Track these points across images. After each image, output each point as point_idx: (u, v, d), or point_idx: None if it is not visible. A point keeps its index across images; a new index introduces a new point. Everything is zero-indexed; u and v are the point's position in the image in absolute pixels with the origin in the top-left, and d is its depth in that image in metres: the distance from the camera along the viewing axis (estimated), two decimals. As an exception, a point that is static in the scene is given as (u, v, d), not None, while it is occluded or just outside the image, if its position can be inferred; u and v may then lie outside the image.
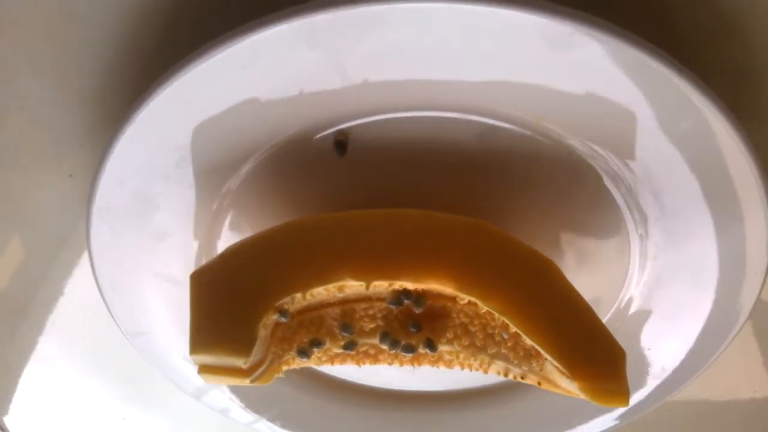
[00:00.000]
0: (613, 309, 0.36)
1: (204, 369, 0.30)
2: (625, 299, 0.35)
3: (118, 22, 0.30)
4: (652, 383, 0.37)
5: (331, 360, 0.34)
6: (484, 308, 0.30)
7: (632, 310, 0.36)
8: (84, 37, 0.31)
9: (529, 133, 0.30)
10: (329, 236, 0.30)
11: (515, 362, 0.32)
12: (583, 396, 0.29)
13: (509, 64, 0.27)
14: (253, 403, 0.41)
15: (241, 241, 0.31)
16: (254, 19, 0.26)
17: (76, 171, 0.34)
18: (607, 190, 0.32)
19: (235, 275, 0.30)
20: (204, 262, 0.35)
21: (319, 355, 0.33)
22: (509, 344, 0.32)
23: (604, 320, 0.36)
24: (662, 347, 0.35)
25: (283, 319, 0.30)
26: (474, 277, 0.30)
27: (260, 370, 0.31)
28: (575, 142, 0.30)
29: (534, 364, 0.31)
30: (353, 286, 0.30)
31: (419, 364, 0.34)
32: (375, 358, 0.34)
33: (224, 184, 0.32)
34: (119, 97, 0.32)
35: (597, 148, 0.30)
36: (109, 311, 0.36)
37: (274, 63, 0.27)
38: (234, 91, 0.28)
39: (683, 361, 0.35)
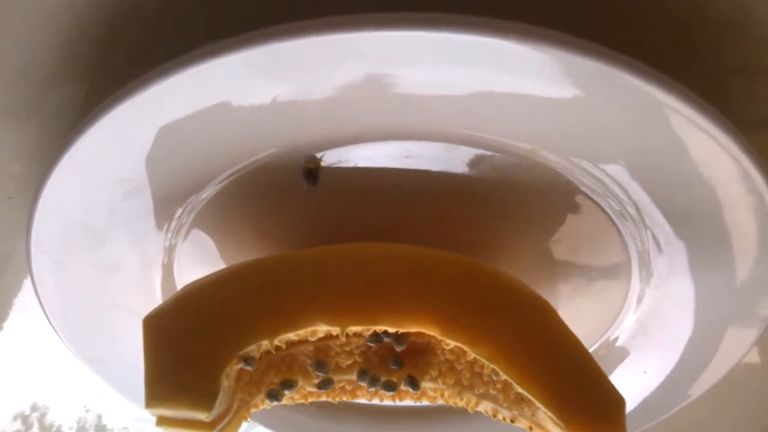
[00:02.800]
0: (600, 342, 0.33)
1: (163, 421, 0.27)
2: (614, 335, 0.33)
3: (58, 39, 0.26)
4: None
5: (305, 398, 0.31)
6: (472, 355, 0.27)
7: (617, 344, 0.33)
8: (25, 54, 0.26)
9: (522, 161, 0.26)
10: (299, 276, 0.27)
11: (505, 405, 0.29)
12: (578, 449, 0.27)
13: (496, 91, 0.23)
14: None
15: (199, 281, 0.28)
16: (208, 44, 0.22)
17: (15, 194, 0.30)
18: (608, 220, 0.29)
19: (193, 320, 0.27)
20: (164, 293, 0.32)
21: (291, 395, 0.30)
22: (498, 386, 0.29)
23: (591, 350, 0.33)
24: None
25: (249, 368, 0.27)
26: (461, 321, 0.27)
27: (225, 420, 0.28)
28: (573, 170, 0.27)
29: (525, 409, 0.29)
30: (327, 331, 0.27)
31: (401, 400, 0.31)
32: (353, 394, 0.31)
33: (179, 215, 0.29)
34: (58, 117, 0.28)
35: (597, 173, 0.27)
36: (60, 338, 0.33)
37: (231, 90, 0.23)
38: (187, 119, 0.24)
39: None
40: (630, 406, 0.33)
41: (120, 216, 0.27)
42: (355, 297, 0.27)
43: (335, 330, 0.27)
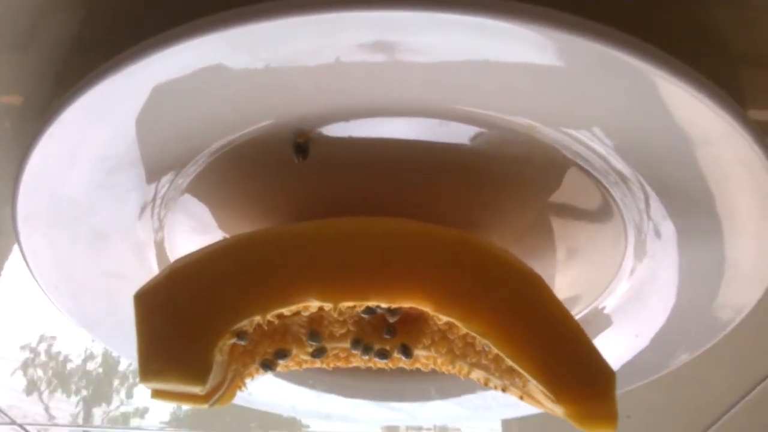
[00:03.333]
0: (589, 308, 0.33)
1: (158, 394, 0.28)
2: (602, 303, 0.33)
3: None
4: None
5: (299, 365, 0.31)
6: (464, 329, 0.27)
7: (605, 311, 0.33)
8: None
9: (517, 135, 0.26)
10: (290, 251, 0.27)
11: (496, 374, 0.30)
12: (568, 420, 0.27)
13: (489, 62, 0.22)
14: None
15: (189, 256, 0.27)
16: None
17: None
18: (603, 192, 0.28)
19: (185, 296, 0.27)
20: (158, 262, 0.32)
21: (285, 363, 0.31)
22: (490, 356, 0.29)
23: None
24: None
25: (242, 342, 0.27)
26: (453, 297, 0.27)
27: (220, 392, 0.28)
28: (568, 142, 0.26)
29: (517, 380, 0.29)
30: (319, 306, 0.27)
31: (394, 366, 0.32)
32: (347, 360, 0.32)
33: (169, 187, 0.28)
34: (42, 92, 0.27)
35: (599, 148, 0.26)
36: (54, 305, 0.33)
37: (222, 59, 0.22)
38: (172, 92, 0.23)
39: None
40: (617, 365, 0.34)
41: (105, 190, 0.27)
42: (348, 273, 0.27)
43: (327, 305, 0.27)
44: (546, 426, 0.43)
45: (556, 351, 0.27)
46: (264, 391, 0.39)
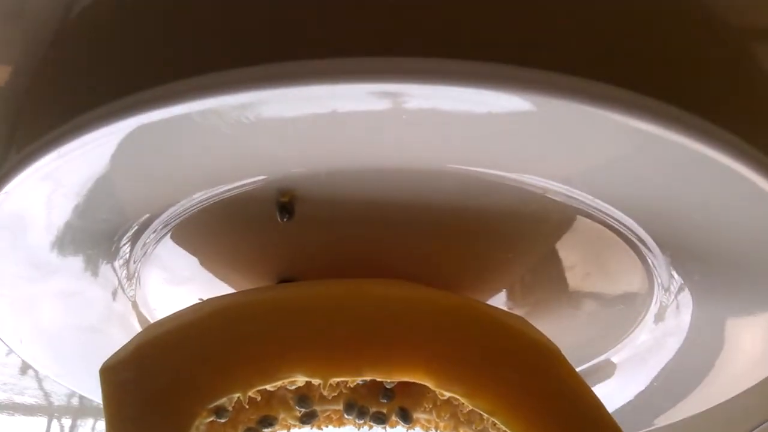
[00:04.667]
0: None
1: (129, 475, 0.25)
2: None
3: None
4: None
5: (287, 429, 0.29)
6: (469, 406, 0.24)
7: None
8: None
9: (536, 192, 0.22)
10: (273, 321, 0.24)
11: (506, 445, 0.27)
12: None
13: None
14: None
15: (161, 324, 0.24)
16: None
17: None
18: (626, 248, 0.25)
19: (155, 372, 0.24)
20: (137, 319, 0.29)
21: (271, 430, 0.28)
22: (499, 427, 0.26)
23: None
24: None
25: (221, 420, 0.25)
26: (457, 371, 0.24)
27: (199, 469, 0.25)
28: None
29: (528, 453, 0.26)
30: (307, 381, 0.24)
31: (392, 428, 0.29)
32: (339, 422, 0.29)
33: (129, 250, 0.25)
34: None
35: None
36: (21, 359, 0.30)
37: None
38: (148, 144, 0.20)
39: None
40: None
41: (62, 257, 0.24)
42: (338, 345, 0.24)
43: (316, 381, 0.24)
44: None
45: (573, 430, 0.24)
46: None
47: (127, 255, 0.26)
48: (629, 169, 0.20)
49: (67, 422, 0.52)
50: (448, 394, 0.24)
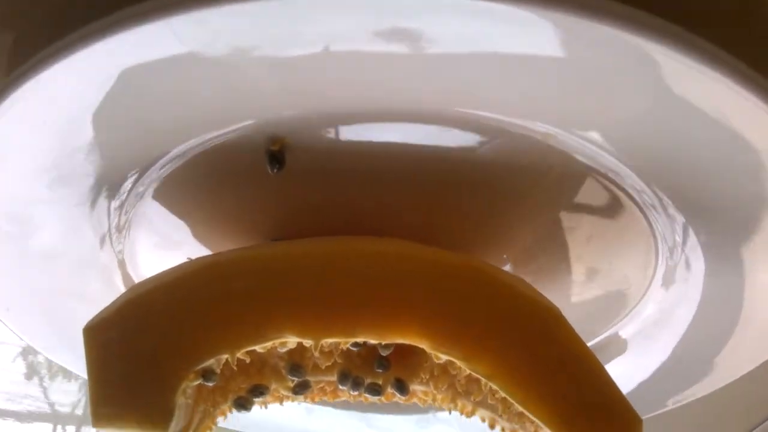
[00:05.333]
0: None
1: (113, 440, 0.24)
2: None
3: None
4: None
5: (279, 400, 0.28)
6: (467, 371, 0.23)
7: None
8: None
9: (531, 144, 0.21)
10: (263, 279, 0.23)
11: (504, 416, 0.26)
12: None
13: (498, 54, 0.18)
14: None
15: (147, 283, 0.24)
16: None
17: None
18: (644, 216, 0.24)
19: (141, 332, 0.23)
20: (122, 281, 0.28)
21: (262, 400, 0.27)
22: (498, 396, 0.25)
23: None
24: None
25: (209, 384, 0.24)
26: (454, 333, 0.23)
27: (187, 436, 0.25)
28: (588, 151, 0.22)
29: (527, 424, 0.25)
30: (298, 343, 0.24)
31: (388, 400, 0.28)
32: (334, 394, 0.28)
33: (127, 196, 0.24)
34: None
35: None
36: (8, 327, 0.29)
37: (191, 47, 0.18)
38: (136, 81, 0.19)
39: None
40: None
41: (49, 205, 0.23)
42: (330, 303, 0.23)
43: (307, 343, 0.23)
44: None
45: (574, 396, 0.23)
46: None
47: (124, 197, 0.25)
48: (647, 123, 0.19)
49: (71, 430, 0.52)
50: (444, 358, 0.23)
